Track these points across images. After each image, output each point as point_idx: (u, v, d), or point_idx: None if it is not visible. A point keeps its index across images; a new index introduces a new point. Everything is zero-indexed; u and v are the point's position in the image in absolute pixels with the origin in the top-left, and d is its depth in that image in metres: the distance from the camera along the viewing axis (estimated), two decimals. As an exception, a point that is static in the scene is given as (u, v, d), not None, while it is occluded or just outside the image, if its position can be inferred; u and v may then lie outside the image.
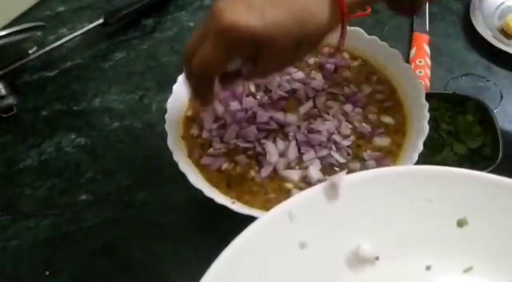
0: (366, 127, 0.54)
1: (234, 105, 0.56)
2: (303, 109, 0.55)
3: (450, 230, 0.40)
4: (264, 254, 0.38)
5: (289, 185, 0.51)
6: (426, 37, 0.71)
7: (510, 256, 0.38)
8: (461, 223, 0.40)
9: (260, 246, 0.38)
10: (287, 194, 0.51)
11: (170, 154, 0.51)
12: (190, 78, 0.48)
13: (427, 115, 0.52)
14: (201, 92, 0.48)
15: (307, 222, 0.39)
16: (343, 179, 0.40)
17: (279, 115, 0.54)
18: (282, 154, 0.52)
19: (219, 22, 0.42)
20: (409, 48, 0.70)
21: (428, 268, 0.39)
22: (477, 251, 0.39)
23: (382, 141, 0.54)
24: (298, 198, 0.40)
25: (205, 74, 0.45)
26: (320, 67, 0.60)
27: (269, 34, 0.42)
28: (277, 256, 0.38)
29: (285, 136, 0.53)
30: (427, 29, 0.72)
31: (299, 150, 0.52)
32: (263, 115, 0.54)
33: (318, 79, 0.58)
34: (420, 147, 0.50)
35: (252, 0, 0.43)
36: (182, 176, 0.50)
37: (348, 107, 0.56)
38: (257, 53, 0.44)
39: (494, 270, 0.38)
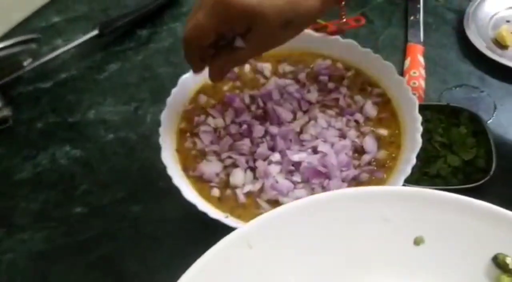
0: (358, 142, 0.54)
1: (229, 116, 0.57)
2: (298, 123, 0.55)
3: (407, 248, 0.40)
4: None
5: (281, 199, 0.51)
6: (420, 47, 0.71)
7: (465, 272, 0.39)
8: (417, 241, 0.40)
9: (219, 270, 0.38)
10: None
11: (165, 166, 0.52)
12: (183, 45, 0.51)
13: (420, 128, 0.52)
14: (191, 59, 0.52)
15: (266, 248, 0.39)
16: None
17: (274, 129, 0.55)
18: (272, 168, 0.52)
19: None
20: (404, 58, 0.70)
21: None
22: (434, 268, 0.39)
23: (377, 153, 0.54)
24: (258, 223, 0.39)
25: (195, 41, 0.49)
26: (314, 79, 0.60)
27: (261, 10, 0.46)
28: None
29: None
30: (422, 39, 0.72)
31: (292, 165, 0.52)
32: (259, 130, 0.55)
33: (312, 92, 0.58)
34: (413, 160, 0.50)
35: None
36: (177, 189, 0.50)
37: (342, 120, 0.56)
38: (248, 29, 0.48)
39: None
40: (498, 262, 0.39)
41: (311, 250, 0.40)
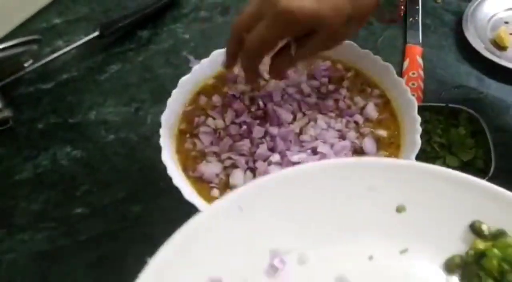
0: (358, 143, 0.54)
1: (229, 117, 0.57)
2: (297, 124, 0.56)
3: (390, 215, 0.43)
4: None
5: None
6: (419, 49, 0.72)
7: (442, 238, 0.41)
8: (399, 209, 0.43)
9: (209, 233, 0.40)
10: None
11: (165, 167, 0.52)
12: (237, 54, 0.51)
13: (419, 129, 0.52)
14: (251, 68, 0.52)
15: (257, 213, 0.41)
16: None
17: (273, 130, 0.55)
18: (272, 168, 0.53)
19: (275, 7, 0.46)
20: (402, 60, 0.71)
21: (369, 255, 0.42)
22: (413, 234, 0.42)
23: (376, 154, 0.54)
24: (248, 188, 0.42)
25: (258, 52, 0.50)
26: (315, 80, 0.60)
27: (324, 13, 0.46)
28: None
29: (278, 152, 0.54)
30: (420, 41, 0.73)
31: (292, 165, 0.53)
32: (259, 131, 0.55)
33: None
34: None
35: None
36: (177, 189, 0.51)
37: (342, 121, 0.56)
38: (310, 32, 0.48)
39: (427, 251, 0.41)
40: (474, 228, 0.41)
41: (300, 214, 0.42)
